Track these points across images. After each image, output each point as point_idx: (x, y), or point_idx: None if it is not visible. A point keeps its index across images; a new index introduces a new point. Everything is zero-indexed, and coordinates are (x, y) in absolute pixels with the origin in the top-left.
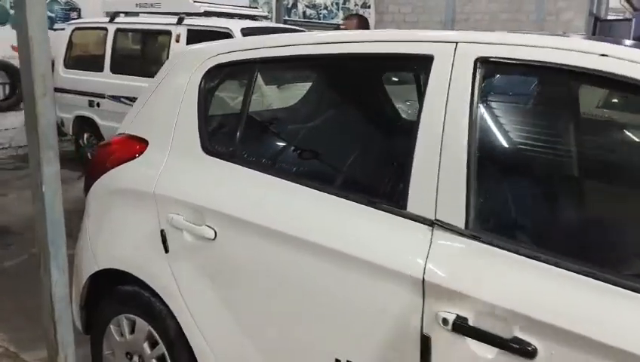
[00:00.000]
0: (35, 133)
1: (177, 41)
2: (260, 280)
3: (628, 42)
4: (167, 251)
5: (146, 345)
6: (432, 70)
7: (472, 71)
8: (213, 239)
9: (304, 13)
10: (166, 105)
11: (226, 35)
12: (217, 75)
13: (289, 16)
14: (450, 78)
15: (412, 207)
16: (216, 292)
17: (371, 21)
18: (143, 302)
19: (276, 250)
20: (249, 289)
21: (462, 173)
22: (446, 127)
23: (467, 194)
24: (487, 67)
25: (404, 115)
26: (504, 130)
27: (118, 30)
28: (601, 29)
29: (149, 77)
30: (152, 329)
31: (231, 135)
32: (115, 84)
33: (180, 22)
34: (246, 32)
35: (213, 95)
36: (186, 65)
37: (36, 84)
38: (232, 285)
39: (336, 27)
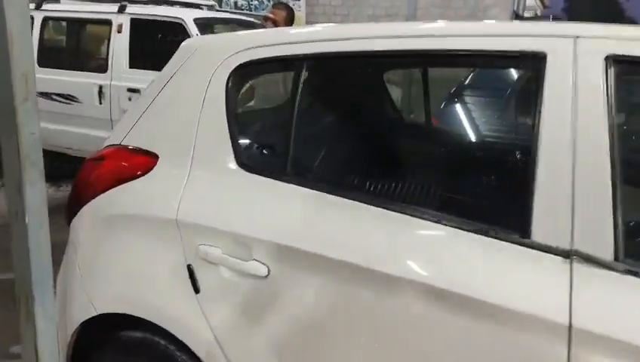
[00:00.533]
0: (14, 147)
1: (119, 31)
2: (333, 329)
3: None
4: (197, 291)
5: None
6: (546, 72)
7: (602, 72)
8: (266, 277)
9: (235, 3)
10: (180, 111)
11: (178, 25)
12: (249, 74)
13: (220, 7)
14: (575, 82)
15: (538, 235)
16: (268, 341)
17: (302, 13)
18: (158, 353)
19: (354, 289)
20: (317, 339)
21: (606, 192)
22: (578, 138)
23: (614, 218)
24: (621, 67)
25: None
26: None
27: (46, 18)
28: None
29: (85, 71)
30: None
31: (277, 145)
32: (45, 80)
33: (121, 10)
34: (199, 23)
35: (246, 97)
36: (204, 62)
37: (16, 86)
38: (292, 333)
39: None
